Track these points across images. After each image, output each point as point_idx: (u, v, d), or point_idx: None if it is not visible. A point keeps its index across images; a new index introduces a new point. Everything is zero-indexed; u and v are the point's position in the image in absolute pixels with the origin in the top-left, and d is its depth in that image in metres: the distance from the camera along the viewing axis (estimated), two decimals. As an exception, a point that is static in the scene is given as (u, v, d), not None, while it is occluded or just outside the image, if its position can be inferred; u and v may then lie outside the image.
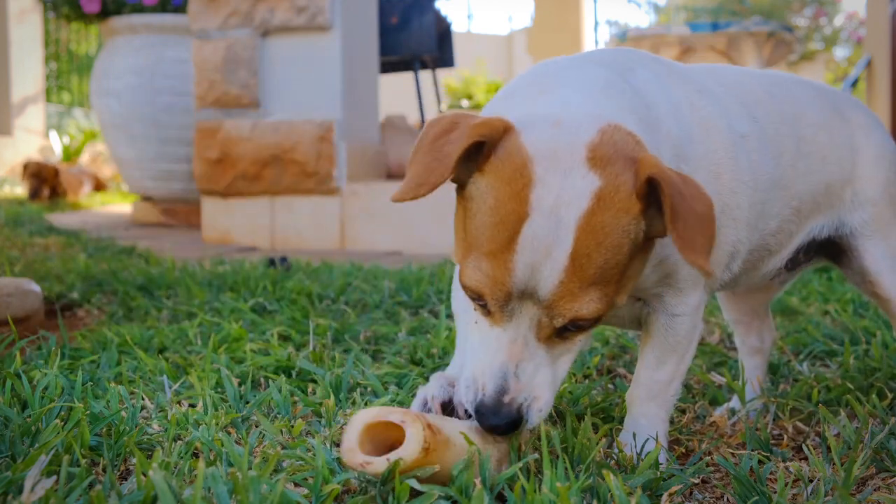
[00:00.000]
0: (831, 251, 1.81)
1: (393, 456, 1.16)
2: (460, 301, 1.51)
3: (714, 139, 1.46)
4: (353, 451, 1.19)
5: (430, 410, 1.38)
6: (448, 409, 1.37)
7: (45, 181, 8.38)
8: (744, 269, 1.62)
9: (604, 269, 1.19)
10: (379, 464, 1.17)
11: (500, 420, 1.22)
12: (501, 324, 1.23)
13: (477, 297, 1.23)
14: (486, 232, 1.20)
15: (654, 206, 1.21)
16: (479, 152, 1.22)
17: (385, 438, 1.21)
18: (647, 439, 1.47)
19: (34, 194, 8.37)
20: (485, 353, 1.25)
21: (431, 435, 1.18)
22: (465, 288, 1.24)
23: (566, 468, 1.23)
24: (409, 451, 1.17)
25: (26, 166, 8.50)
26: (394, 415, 1.20)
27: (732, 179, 1.47)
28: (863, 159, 1.74)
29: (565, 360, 1.28)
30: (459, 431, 1.25)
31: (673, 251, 1.36)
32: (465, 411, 1.34)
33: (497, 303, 1.21)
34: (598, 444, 1.38)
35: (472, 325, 1.28)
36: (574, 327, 1.24)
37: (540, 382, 1.24)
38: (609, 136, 1.21)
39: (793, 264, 1.78)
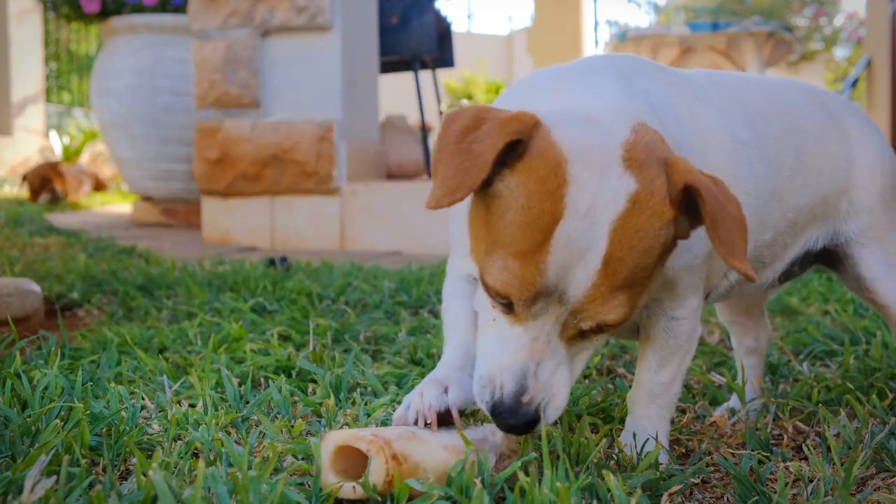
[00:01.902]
0: (827, 258, 1.80)
1: (358, 487, 1.18)
2: (453, 296, 1.50)
3: (714, 147, 1.44)
4: (325, 471, 1.22)
5: (422, 420, 1.35)
6: (443, 418, 1.35)
7: (48, 181, 8.37)
8: (738, 280, 1.62)
9: (634, 273, 1.18)
10: (346, 490, 1.19)
11: (518, 420, 1.21)
12: (524, 323, 1.20)
13: (502, 298, 1.20)
14: (516, 232, 1.16)
15: (683, 210, 1.20)
16: (509, 149, 1.18)
17: (356, 459, 1.22)
18: (648, 439, 1.47)
19: (36, 196, 8.37)
20: (503, 352, 1.22)
21: (396, 465, 1.18)
22: (488, 287, 1.20)
23: (566, 468, 1.22)
24: (372, 481, 1.18)
25: (25, 176, 8.49)
26: (361, 442, 1.20)
27: (732, 187, 1.46)
28: (859, 168, 1.73)
29: (582, 358, 1.28)
30: (444, 445, 1.25)
31: (674, 261, 1.36)
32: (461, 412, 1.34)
33: (523, 303, 1.18)
34: (597, 444, 1.38)
35: (490, 322, 1.24)
36: (598, 329, 1.22)
37: (558, 381, 1.23)
38: (642, 136, 1.19)
39: (786, 276, 1.77)
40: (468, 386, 1.37)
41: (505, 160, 1.17)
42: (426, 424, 1.33)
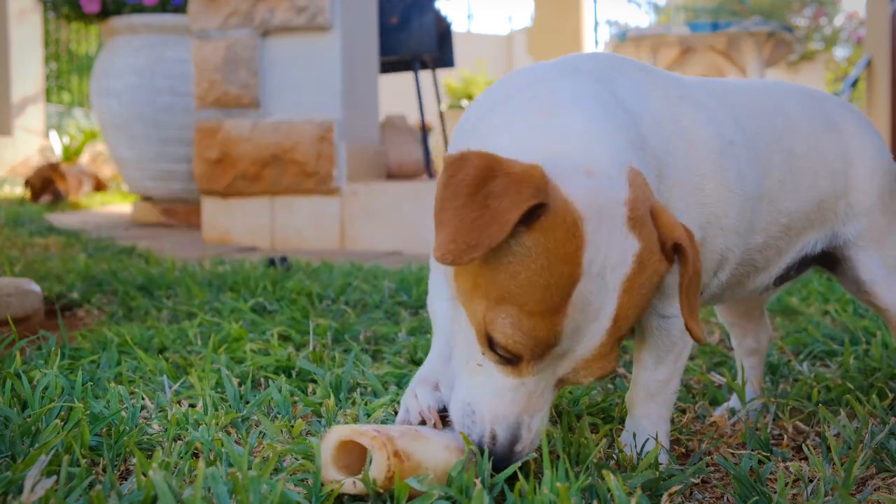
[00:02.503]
0: (825, 260, 1.79)
1: (360, 482, 1.18)
2: (438, 294, 1.49)
3: (698, 151, 1.43)
4: (326, 466, 1.22)
5: (423, 421, 1.36)
6: (442, 415, 1.35)
7: (50, 182, 8.37)
8: (729, 284, 1.61)
9: (631, 326, 1.22)
10: (347, 486, 1.19)
11: (506, 465, 1.23)
12: (521, 377, 1.20)
13: (512, 356, 1.19)
14: (534, 292, 1.14)
15: (671, 261, 1.24)
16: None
17: (358, 455, 1.22)
18: (648, 439, 1.47)
19: (37, 197, 8.37)
20: (498, 400, 1.22)
21: (398, 462, 1.18)
22: (495, 343, 1.18)
23: (566, 468, 1.22)
24: (372, 476, 1.18)
25: (27, 181, 8.49)
26: (364, 438, 1.20)
27: (719, 187, 1.45)
28: (857, 171, 1.71)
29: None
30: (445, 445, 1.25)
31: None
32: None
33: (531, 362, 1.19)
34: (597, 444, 1.38)
35: (474, 366, 1.24)
36: (589, 383, 1.25)
37: (543, 422, 1.25)
38: (639, 189, 1.19)
39: (781, 280, 1.76)
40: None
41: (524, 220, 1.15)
42: (425, 423, 1.33)
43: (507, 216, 1.11)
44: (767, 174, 1.57)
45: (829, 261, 1.79)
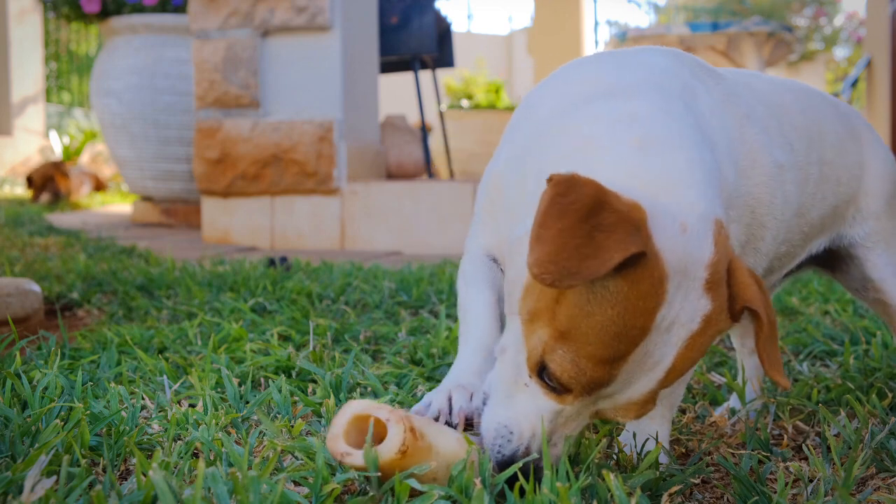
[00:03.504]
0: (826, 259, 1.81)
1: (371, 453, 1.18)
2: (474, 282, 1.47)
3: (757, 173, 1.43)
4: (336, 438, 1.21)
5: (443, 419, 1.36)
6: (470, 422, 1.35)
7: (51, 181, 8.37)
8: None
9: (681, 377, 1.22)
10: (356, 457, 1.18)
11: (519, 473, 1.23)
12: (563, 404, 1.21)
13: (559, 387, 1.19)
14: (601, 336, 1.13)
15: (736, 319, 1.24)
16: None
17: (375, 432, 1.21)
18: (648, 439, 1.47)
19: (37, 195, 8.37)
20: (537, 420, 1.22)
21: (413, 439, 1.18)
22: (549, 372, 1.18)
23: (566, 469, 1.22)
24: (385, 450, 1.17)
25: (30, 176, 8.49)
26: (381, 411, 1.20)
27: (765, 214, 1.46)
28: (869, 175, 1.74)
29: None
30: (457, 438, 1.26)
31: None
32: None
33: (579, 396, 1.19)
34: (597, 444, 1.38)
35: (520, 384, 1.24)
36: (624, 420, 1.25)
37: (568, 443, 1.26)
38: (721, 249, 1.19)
39: (785, 276, 1.78)
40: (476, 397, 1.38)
41: None
42: (448, 424, 1.34)
43: (611, 254, 1.09)
44: (805, 188, 1.58)
45: (830, 260, 1.80)
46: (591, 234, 1.09)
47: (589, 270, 1.08)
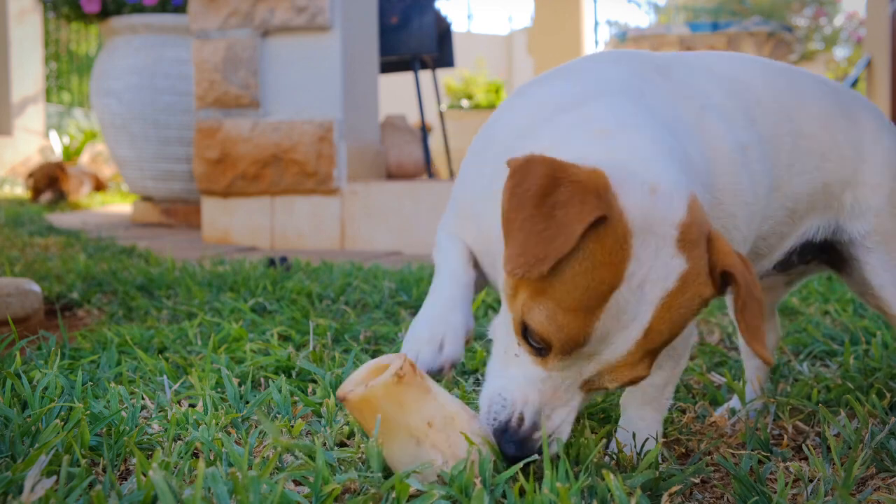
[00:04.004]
0: (832, 259, 1.78)
1: (371, 382, 1.25)
2: (449, 238, 1.55)
3: (719, 158, 1.44)
4: (343, 386, 1.28)
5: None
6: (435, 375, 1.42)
7: (54, 181, 8.38)
8: None
9: (666, 341, 1.24)
10: (358, 390, 1.25)
11: (522, 452, 1.25)
12: (549, 369, 1.24)
13: (542, 342, 1.23)
14: (573, 291, 1.18)
15: (718, 287, 1.25)
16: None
17: None
18: (647, 438, 1.47)
19: (38, 195, 8.37)
20: (528, 387, 1.26)
21: (412, 373, 1.25)
22: (530, 330, 1.22)
23: (566, 469, 1.23)
24: (383, 377, 1.24)
25: (31, 174, 8.49)
26: (386, 359, 1.29)
27: (733, 203, 1.46)
28: (869, 165, 1.69)
29: (587, 399, 1.32)
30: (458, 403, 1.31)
31: None
32: None
33: (559, 354, 1.22)
34: (597, 444, 1.38)
35: (511, 356, 1.28)
36: (620, 387, 1.27)
37: (565, 421, 1.28)
38: (696, 214, 1.22)
39: (784, 266, 1.75)
40: (461, 334, 1.44)
41: None
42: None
43: (573, 228, 1.14)
44: (776, 162, 1.57)
45: (836, 259, 1.78)
46: (550, 215, 1.15)
47: (556, 251, 1.13)
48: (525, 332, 1.24)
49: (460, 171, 1.59)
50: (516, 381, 1.27)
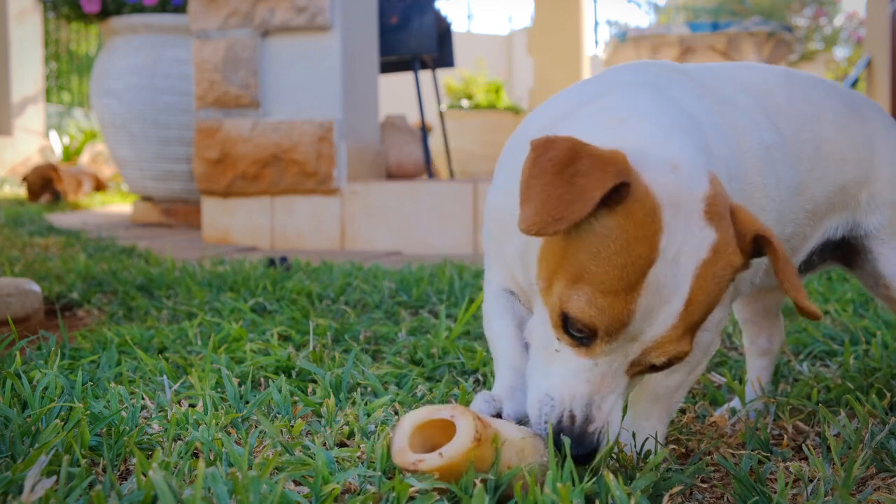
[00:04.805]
0: (844, 253, 1.80)
1: (445, 450, 1.16)
2: (497, 315, 1.50)
3: (746, 157, 1.46)
4: (403, 451, 1.19)
5: None
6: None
7: (49, 182, 8.37)
8: (758, 283, 1.62)
9: (705, 314, 1.24)
10: (431, 460, 1.17)
11: (584, 449, 1.24)
12: (596, 357, 1.23)
13: (586, 330, 1.22)
14: (611, 270, 1.18)
15: (748, 255, 1.26)
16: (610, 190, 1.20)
17: (432, 443, 1.21)
18: (647, 438, 1.47)
19: (36, 197, 8.37)
20: (575, 381, 1.25)
21: (483, 427, 1.18)
22: (570, 320, 1.22)
23: (570, 469, 1.22)
24: (460, 443, 1.17)
25: (25, 177, 8.49)
26: (443, 412, 1.20)
27: (763, 197, 1.48)
28: (881, 161, 1.73)
29: (633, 385, 1.31)
30: (515, 427, 1.26)
31: None
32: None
33: (605, 339, 1.22)
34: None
35: (552, 352, 1.27)
36: (667, 364, 1.26)
37: (615, 411, 1.27)
38: (718, 188, 1.24)
39: (806, 266, 1.77)
40: (521, 402, 1.39)
41: (603, 200, 1.19)
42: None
43: (592, 192, 1.15)
44: (798, 165, 1.59)
45: (849, 254, 1.79)
46: (571, 181, 1.16)
47: (575, 213, 1.14)
48: (566, 324, 1.23)
49: (489, 203, 1.55)
50: (562, 378, 1.26)
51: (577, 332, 1.23)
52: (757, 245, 1.25)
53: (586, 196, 1.15)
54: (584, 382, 1.24)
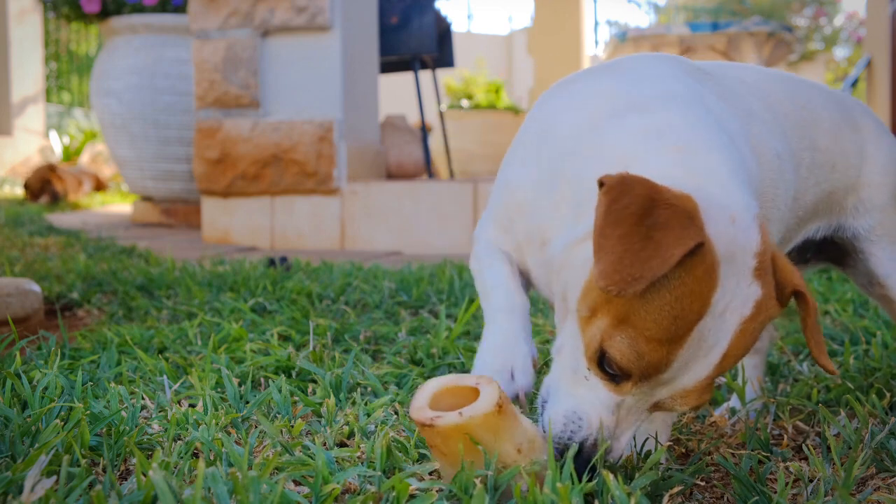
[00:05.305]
0: (833, 253, 1.82)
1: (466, 410, 1.16)
2: (491, 256, 1.50)
3: (764, 170, 1.46)
4: (422, 408, 1.19)
5: None
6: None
7: (48, 183, 8.37)
8: None
9: (734, 365, 1.25)
10: (450, 417, 1.16)
11: (586, 469, 1.25)
12: (622, 395, 1.24)
13: (621, 372, 1.22)
14: (660, 320, 1.17)
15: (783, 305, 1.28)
16: None
17: (460, 402, 1.21)
18: (647, 438, 1.47)
19: (35, 198, 8.37)
20: (602, 409, 1.26)
21: (506, 399, 1.19)
22: (608, 359, 1.22)
23: (570, 470, 1.22)
24: (482, 405, 1.17)
25: (26, 183, 8.49)
26: (468, 379, 1.21)
27: (770, 208, 1.49)
28: (871, 167, 1.75)
29: (647, 416, 1.32)
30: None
31: None
32: None
33: (637, 382, 1.22)
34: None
35: (580, 378, 1.27)
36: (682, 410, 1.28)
37: (628, 441, 1.29)
38: (766, 239, 1.24)
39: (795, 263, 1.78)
40: (529, 363, 1.42)
41: None
42: None
43: (672, 251, 1.13)
44: (797, 175, 1.61)
45: (838, 254, 1.80)
46: (649, 235, 1.14)
47: (652, 272, 1.13)
48: (601, 361, 1.22)
49: (501, 175, 1.54)
50: (591, 404, 1.26)
51: (611, 371, 1.23)
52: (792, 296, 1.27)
53: (665, 254, 1.13)
54: (610, 414, 1.25)
